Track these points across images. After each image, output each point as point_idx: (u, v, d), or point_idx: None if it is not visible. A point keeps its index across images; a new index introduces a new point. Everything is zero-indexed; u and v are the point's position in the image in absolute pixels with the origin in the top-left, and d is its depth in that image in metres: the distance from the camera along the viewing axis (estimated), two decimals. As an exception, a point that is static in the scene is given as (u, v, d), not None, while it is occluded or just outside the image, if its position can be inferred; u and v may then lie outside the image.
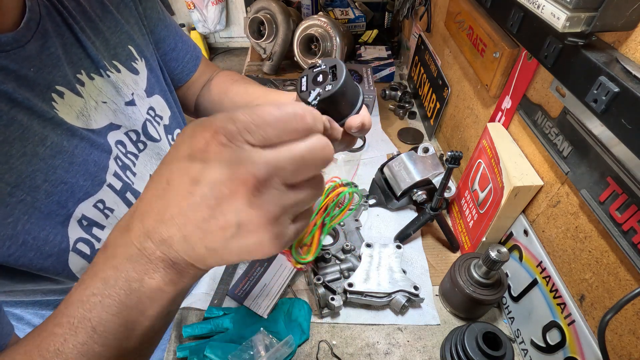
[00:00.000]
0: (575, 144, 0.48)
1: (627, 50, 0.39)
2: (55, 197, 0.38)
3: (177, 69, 0.63)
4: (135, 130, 0.49)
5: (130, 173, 0.48)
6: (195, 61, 0.66)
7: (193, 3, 2.93)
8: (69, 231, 0.40)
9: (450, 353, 0.56)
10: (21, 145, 0.35)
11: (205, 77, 0.69)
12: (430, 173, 0.75)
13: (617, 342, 0.44)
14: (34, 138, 0.36)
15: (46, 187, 0.37)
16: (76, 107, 0.41)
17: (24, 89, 0.36)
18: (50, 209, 0.38)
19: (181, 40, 0.62)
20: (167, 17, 0.60)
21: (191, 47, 0.65)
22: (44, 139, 0.37)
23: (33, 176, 0.36)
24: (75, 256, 0.40)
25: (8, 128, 0.34)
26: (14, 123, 0.34)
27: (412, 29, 1.21)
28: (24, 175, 0.35)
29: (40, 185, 0.37)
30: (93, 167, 0.42)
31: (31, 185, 0.36)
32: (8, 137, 0.34)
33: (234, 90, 0.64)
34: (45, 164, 0.37)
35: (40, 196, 0.37)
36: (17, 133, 0.35)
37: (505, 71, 0.64)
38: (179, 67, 0.63)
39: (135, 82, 0.50)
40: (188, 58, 0.64)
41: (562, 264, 0.52)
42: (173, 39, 0.60)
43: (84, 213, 0.41)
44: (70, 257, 0.40)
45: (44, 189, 0.37)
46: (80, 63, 0.43)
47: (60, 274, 0.40)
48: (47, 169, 0.37)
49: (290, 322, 0.62)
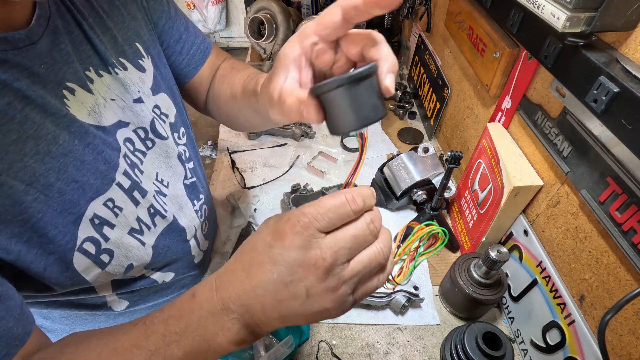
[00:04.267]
0: (575, 144, 0.48)
1: (627, 50, 0.39)
2: (67, 196, 0.38)
3: (182, 63, 0.59)
4: (144, 128, 0.49)
5: (138, 171, 0.48)
6: (203, 53, 0.61)
7: (193, 3, 2.93)
8: (79, 230, 0.40)
9: (450, 353, 0.56)
10: (34, 143, 0.35)
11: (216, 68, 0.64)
12: (430, 173, 0.75)
13: (617, 342, 0.44)
14: (47, 136, 0.36)
15: (59, 186, 0.37)
16: (87, 104, 0.41)
17: (37, 86, 0.36)
18: (63, 207, 0.38)
19: (187, 32, 0.59)
20: (172, 9, 0.57)
21: (199, 39, 0.60)
22: (56, 137, 0.37)
23: (46, 174, 0.36)
24: (80, 255, 0.40)
25: (22, 126, 0.34)
26: (27, 121, 0.34)
27: (412, 29, 1.21)
28: (37, 174, 0.35)
29: (53, 183, 0.37)
30: (103, 165, 0.42)
31: (44, 183, 0.36)
32: (22, 135, 0.34)
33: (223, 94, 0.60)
34: (58, 162, 0.37)
35: (53, 194, 0.37)
36: (30, 131, 0.35)
37: (505, 71, 0.64)
38: (185, 61, 0.59)
39: (142, 80, 0.49)
40: (194, 50, 0.60)
41: (562, 264, 0.52)
42: (177, 31, 0.57)
43: (95, 212, 0.41)
44: (75, 257, 0.40)
45: (57, 187, 0.37)
46: (89, 60, 0.42)
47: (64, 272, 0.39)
48: (60, 167, 0.37)
49: (290, 322, 0.62)
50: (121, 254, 0.45)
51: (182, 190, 0.57)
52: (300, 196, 0.77)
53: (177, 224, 0.55)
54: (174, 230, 0.55)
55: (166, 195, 0.53)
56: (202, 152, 2.30)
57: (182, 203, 0.57)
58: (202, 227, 0.64)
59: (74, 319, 0.56)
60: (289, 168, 0.93)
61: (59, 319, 0.56)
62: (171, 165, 0.55)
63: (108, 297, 0.52)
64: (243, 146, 0.99)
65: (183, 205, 0.57)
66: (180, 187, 0.57)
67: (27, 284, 0.39)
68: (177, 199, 0.56)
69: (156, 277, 0.56)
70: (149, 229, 0.50)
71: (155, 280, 0.56)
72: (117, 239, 0.44)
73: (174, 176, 0.55)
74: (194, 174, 0.61)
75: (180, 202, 0.57)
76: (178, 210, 0.56)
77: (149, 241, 0.50)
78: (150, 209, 0.49)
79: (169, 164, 0.54)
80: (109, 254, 0.44)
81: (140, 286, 0.54)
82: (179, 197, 0.56)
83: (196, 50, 0.60)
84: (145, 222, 0.49)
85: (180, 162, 0.56)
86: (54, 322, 0.56)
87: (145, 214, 0.49)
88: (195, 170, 0.61)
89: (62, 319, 0.56)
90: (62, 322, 0.56)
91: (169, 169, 0.54)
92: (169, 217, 0.53)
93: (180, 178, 0.57)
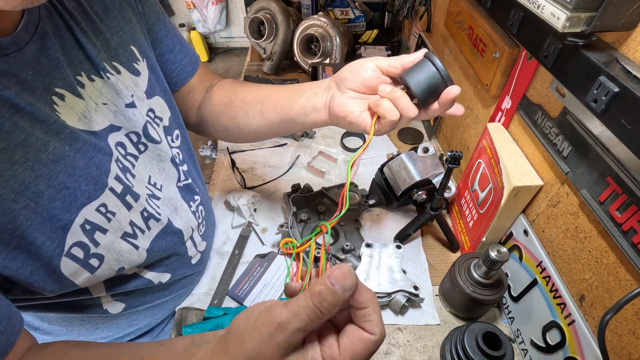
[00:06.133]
0: (575, 144, 0.48)
1: (627, 50, 0.39)
2: (58, 203, 0.38)
3: (174, 72, 0.61)
4: (136, 132, 0.49)
5: (130, 175, 0.47)
6: (193, 65, 0.64)
7: (193, 3, 2.93)
8: (67, 236, 0.39)
9: (450, 353, 0.56)
10: (24, 151, 0.35)
11: (206, 83, 0.67)
12: (430, 173, 0.75)
13: (617, 342, 0.44)
14: (37, 144, 0.36)
15: (49, 193, 0.37)
16: (78, 110, 0.41)
17: (26, 93, 0.35)
18: (52, 214, 0.37)
19: (180, 43, 0.61)
20: (167, 19, 0.59)
21: (190, 52, 0.64)
22: (46, 144, 0.37)
23: (36, 182, 0.36)
24: (67, 260, 0.40)
25: (11, 134, 0.34)
26: (16, 129, 0.34)
27: (412, 29, 1.21)
28: (27, 182, 0.35)
29: (44, 190, 0.36)
30: (95, 170, 0.42)
31: (34, 191, 0.36)
32: (11, 144, 0.34)
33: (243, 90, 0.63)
34: (48, 169, 0.37)
35: (43, 202, 0.36)
36: (19, 139, 0.34)
37: (505, 71, 0.64)
38: (177, 70, 0.61)
39: (136, 84, 0.49)
40: (186, 61, 0.62)
41: (562, 264, 0.52)
42: (171, 40, 0.59)
43: (87, 217, 0.41)
44: (63, 262, 0.40)
45: (47, 194, 0.37)
46: (80, 65, 0.42)
47: (51, 276, 0.40)
48: (50, 174, 0.37)
49: (290, 322, 0.62)
50: (112, 258, 0.45)
51: (176, 193, 0.57)
52: (300, 196, 0.77)
53: (172, 227, 0.55)
54: (169, 232, 0.55)
55: (159, 198, 0.53)
56: (202, 152, 2.30)
57: (177, 205, 0.57)
58: (198, 229, 0.64)
59: (70, 321, 0.56)
60: (289, 168, 0.93)
61: (56, 320, 0.55)
62: (164, 169, 0.54)
63: (103, 298, 0.52)
64: (243, 146, 0.99)
65: (178, 208, 0.57)
66: (174, 189, 0.57)
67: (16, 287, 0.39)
68: (172, 201, 0.56)
69: (151, 277, 0.55)
70: (143, 233, 0.50)
71: (150, 280, 0.55)
72: (109, 244, 0.44)
73: (167, 179, 0.55)
74: (188, 175, 0.60)
75: (175, 204, 0.56)
76: (173, 213, 0.56)
77: (143, 245, 0.50)
78: (144, 212, 0.49)
79: (162, 167, 0.54)
80: (99, 259, 0.44)
81: (135, 286, 0.54)
82: (173, 200, 0.56)
83: (188, 62, 0.63)
84: (139, 225, 0.49)
85: (173, 165, 0.56)
86: (50, 323, 0.56)
87: (139, 218, 0.49)
88: (190, 172, 0.61)
89: (59, 321, 0.56)
90: (58, 324, 0.56)
91: (162, 172, 0.54)
92: (163, 220, 0.53)
93: (173, 181, 0.57)
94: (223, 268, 0.71)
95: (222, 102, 0.64)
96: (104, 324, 0.57)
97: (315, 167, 0.91)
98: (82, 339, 0.58)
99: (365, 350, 0.31)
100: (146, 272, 0.55)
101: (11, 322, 0.36)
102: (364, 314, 0.31)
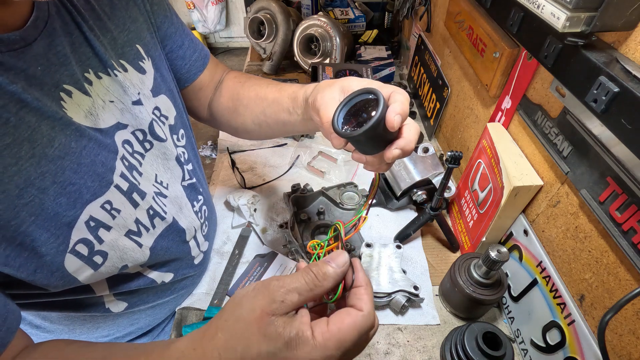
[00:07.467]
0: (575, 144, 0.48)
1: (627, 50, 0.39)
2: (63, 199, 0.38)
3: (183, 68, 0.61)
4: (142, 130, 0.49)
5: (136, 173, 0.47)
6: (203, 60, 0.64)
7: (193, 3, 2.93)
8: (72, 233, 0.39)
9: (450, 353, 0.56)
10: (30, 146, 0.35)
11: (217, 78, 0.67)
12: (430, 173, 0.75)
13: (617, 342, 0.44)
14: (43, 139, 0.36)
15: (55, 189, 0.37)
16: (84, 106, 0.41)
17: (33, 89, 0.35)
18: (57, 211, 0.37)
19: (188, 39, 0.61)
20: (174, 15, 0.58)
21: (199, 47, 0.63)
22: (52, 139, 0.37)
23: (42, 178, 0.36)
24: (71, 257, 0.40)
25: (17, 129, 0.34)
26: (22, 124, 0.34)
27: (412, 29, 1.21)
28: (32, 177, 0.35)
29: (49, 186, 0.36)
30: (100, 167, 0.42)
31: (40, 187, 0.36)
32: (17, 139, 0.34)
33: (245, 96, 0.63)
34: (54, 165, 0.37)
35: (48, 198, 0.36)
36: (26, 134, 0.34)
37: (505, 71, 0.64)
38: (186, 66, 0.61)
39: (142, 82, 0.49)
40: (196, 57, 0.62)
41: (562, 264, 0.52)
42: (180, 37, 0.59)
43: (91, 214, 0.41)
44: (67, 259, 0.40)
45: (52, 190, 0.37)
46: (88, 62, 0.42)
47: (55, 273, 0.39)
48: (56, 171, 0.37)
49: (290, 322, 0.62)
50: (116, 255, 0.45)
51: (181, 192, 0.57)
52: (300, 196, 0.77)
53: (177, 225, 0.55)
54: (173, 231, 0.55)
55: (166, 196, 0.53)
56: (202, 152, 2.30)
57: (182, 204, 0.57)
58: (201, 228, 0.64)
59: (72, 320, 0.56)
60: (289, 168, 0.93)
61: (57, 319, 0.55)
62: (169, 167, 0.55)
63: (105, 297, 0.52)
64: (243, 146, 0.99)
65: (183, 207, 0.57)
66: (179, 188, 0.57)
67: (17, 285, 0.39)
68: (177, 200, 0.56)
69: (154, 276, 0.56)
70: (148, 231, 0.50)
71: (153, 279, 0.55)
72: (112, 241, 0.44)
73: (173, 178, 0.56)
74: (193, 175, 0.61)
75: (180, 203, 0.57)
76: (178, 212, 0.56)
77: (146, 243, 0.50)
78: (150, 210, 0.49)
79: (167, 165, 0.54)
80: (103, 256, 0.44)
81: (137, 286, 0.54)
82: (178, 199, 0.56)
83: (197, 57, 0.63)
84: (144, 223, 0.49)
85: (178, 164, 0.56)
86: (52, 322, 0.56)
87: (145, 216, 0.49)
88: (194, 171, 0.61)
89: (61, 320, 0.56)
90: (60, 323, 0.56)
91: (167, 171, 0.54)
92: (168, 219, 0.53)
93: (178, 180, 0.57)
94: (223, 268, 0.71)
95: (228, 108, 0.65)
96: (105, 322, 0.57)
97: (315, 167, 0.91)
98: (82, 338, 0.58)
99: (353, 324, 0.32)
100: (150, 271, 0.55)
101: (7, 323, 0.36)
102: (356, 292, 0.35)
